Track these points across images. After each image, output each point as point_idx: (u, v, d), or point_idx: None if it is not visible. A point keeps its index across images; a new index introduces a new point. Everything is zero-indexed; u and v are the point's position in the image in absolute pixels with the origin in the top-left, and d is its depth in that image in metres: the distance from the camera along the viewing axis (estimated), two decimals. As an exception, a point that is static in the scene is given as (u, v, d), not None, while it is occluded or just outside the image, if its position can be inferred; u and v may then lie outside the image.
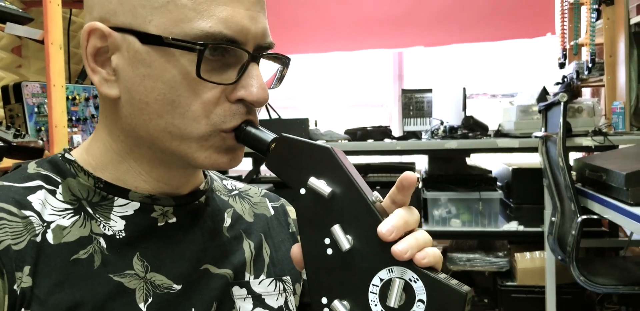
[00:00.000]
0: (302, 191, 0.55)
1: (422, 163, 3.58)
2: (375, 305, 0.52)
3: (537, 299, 2.99)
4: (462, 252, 3.26)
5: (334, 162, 0.54)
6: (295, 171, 0.55)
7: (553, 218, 2.66)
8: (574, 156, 2.64)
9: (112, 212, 0.64)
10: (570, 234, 2.31)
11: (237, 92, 0.60)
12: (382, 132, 3.05)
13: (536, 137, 2.69)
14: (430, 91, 3.58)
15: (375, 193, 0.56)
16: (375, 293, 0.52)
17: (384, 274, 0.52)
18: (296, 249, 0.56)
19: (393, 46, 4.17)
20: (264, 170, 3.44)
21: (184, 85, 0.59)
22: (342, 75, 4.45)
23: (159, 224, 0.66)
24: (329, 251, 0.54)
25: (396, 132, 3.54)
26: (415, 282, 0.51)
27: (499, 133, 3.13)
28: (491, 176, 3.43)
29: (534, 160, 3.02)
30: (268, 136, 0.60)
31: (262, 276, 0.73)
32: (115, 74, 0.61)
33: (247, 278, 0.72)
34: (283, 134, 0.58)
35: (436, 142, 2.99)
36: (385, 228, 0.51)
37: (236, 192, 0.80)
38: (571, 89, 3.13)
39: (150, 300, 0.62)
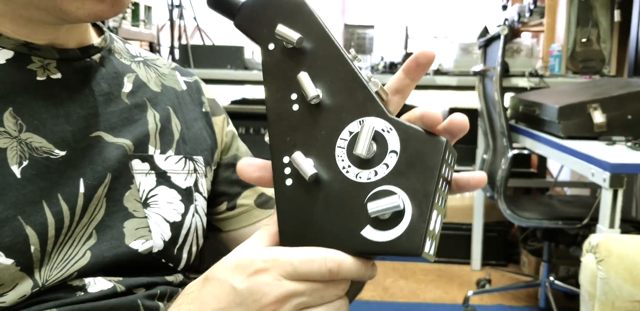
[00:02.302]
0: (271, 46, 0.49)
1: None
2: (342, 160, 0.45)
3: (464, 236, 3.06)
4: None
5: (307, 11, 0.48)
6: (264, 25, 0.49)
7: (484, 156, 2.68)
8: (509, 96, 2.66)
9: None
10: (500, 169, 2.34)
11: None
12: (320, 65, 2.97)
13: (474, 72, 2.68)
14: (372, 27, 3.51)
15: (352, 51, 0.50)
16: (343, 148, 0.46)
17: (353, 126, 0.46)
18: (251, 164, 0.48)
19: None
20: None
21: None
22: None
23: (39, 78, 0.56)
24: (295, 107, 0.48)
25: (336, 68, 3.45)
26: (388, 132, 0.45)
27: (439, 72, 3.10)
28: (428, 116, 3.42)
29: (472, 103, 3.03)
30: None
31: (170, 153, 0.65)
32: None
33: (150, 152, 0.63)
34: None
35: (375, 77, 2.93)
36: None
37: (141, 59, 0.70)
38: (512, 28, 3.12)
39: (25, 164, 0.53)
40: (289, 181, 0.47)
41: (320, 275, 0.42)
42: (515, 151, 2.30)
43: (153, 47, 3.22)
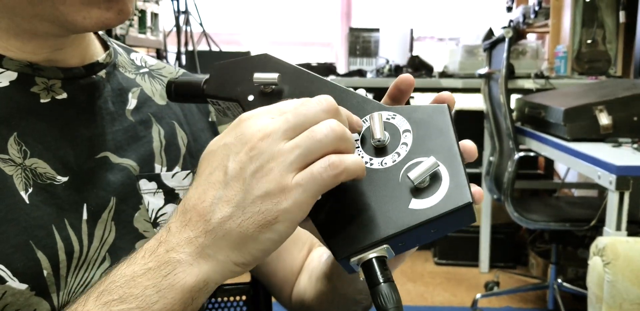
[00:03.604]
0: (250, 97, 0.51)
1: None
2: (362, 157, 0.46)
3: (471, 238, 3.06)
4: (402, 192, 3.27)
5: (273, 59, 0.51)
6: (238, 83, 0.51)
7: (491, 158, 2.68)
8: (515, 98, 2.66)
9: None
10: (507, 172, 2.34)
11: None
12: (326, 69, 2.99)
13: (480, 75, 2.68)
14: (377, 30, 3.52)
15: None
16: (358, 147, 0.47)
17: None
18: None
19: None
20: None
21: None
22: (288, 12, 4.31)
23: (43, 100, 0.55)
24: None
25: (342, 71, 3.47)
26: (393, 118, 0.47)
27: (444, 74, 3.11)
28: (434, 118, 3.42)
29: (478, 105, 3.03)
30: (199, 78, 0.54)
31: (177, 168, 0.64)
32: None
33: (157, 170, 0.62)
34: (214, 64, 0.54)
35: (381, 80, 2.94)
36: None
37: (146, 70, 0.69)
38: (517, 30, 3.12)
39: (31, 190, 0.52)
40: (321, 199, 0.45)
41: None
42: (522, 154, 2.30)
43: (160, 54, 3.24)
